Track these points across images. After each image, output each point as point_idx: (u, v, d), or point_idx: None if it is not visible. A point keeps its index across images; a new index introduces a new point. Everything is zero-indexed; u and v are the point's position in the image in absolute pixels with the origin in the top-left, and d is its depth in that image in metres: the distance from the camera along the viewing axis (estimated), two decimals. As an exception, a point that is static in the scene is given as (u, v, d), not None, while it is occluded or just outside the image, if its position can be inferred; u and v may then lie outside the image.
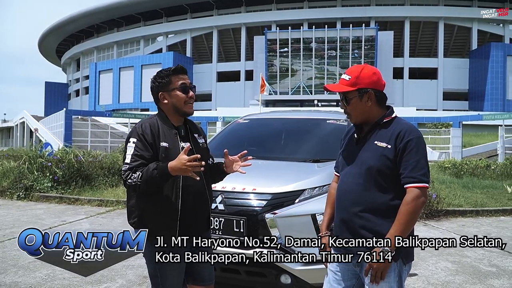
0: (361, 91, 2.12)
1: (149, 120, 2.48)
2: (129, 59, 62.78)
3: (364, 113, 2.15)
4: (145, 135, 2.36)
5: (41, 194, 9.30)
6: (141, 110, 54.83)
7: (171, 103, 2.47)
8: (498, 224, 7.46)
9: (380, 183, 2.06)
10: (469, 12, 54.62)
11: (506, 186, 10.43)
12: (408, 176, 1.99)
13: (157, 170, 2.23)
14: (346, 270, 2.21)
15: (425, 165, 2.01)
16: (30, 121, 37.22)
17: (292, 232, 3.23)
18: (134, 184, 2.27)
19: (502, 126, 22.99)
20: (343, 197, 2.19)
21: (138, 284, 4.22)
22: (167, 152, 2.38)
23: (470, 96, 55.28)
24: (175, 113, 2.50)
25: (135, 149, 2.33)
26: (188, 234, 2.38)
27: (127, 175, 2.30)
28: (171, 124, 2.49)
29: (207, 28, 61.00)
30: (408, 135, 2.03)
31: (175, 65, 2.55)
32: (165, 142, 2.39)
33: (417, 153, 2.00)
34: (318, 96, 51.37)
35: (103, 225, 6.94)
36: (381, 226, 2.04)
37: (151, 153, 2.35)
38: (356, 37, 52.04)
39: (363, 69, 2.15)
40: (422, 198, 1.99)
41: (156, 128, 2.41)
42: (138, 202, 2.43)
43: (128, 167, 2.31)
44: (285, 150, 4.53)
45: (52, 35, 73.98)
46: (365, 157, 2.11)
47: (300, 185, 3.37)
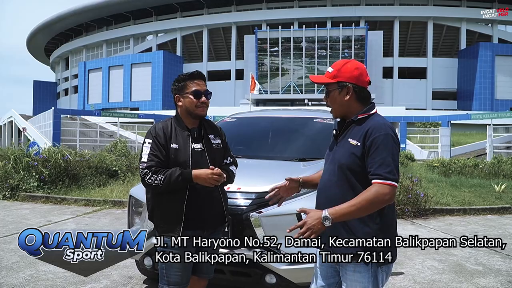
0: (340, 84, 2.12)
1: (163, 123, 2.68)
2: (118, 58, 62.46)
3: (342, 106, 2.14)
4: (158, 137, 2.56)
5: (27, 193, 9.18)
6: (130, 109, 54.61)
7: (184, 106, 2.64)
8: (486, 223, 7.50)
9: (350, 180, 2.05)
10: (458, 12, 55.09)
11: (493, 185, 10.51)
12: (374, 173, 1.95)
13: (181, 176, 2.46)
14: (329, 267, 2.21)
15: (391, 162, 1.95)
16: (18, 120, 36.83)
17: (277, 232, 3.20)
18: (154, 185, 2.48)
19: (490, 125, 23.20)
20: (319, 194, 2.21)
21: (123, 285, 4.17)
22: (177, 153, 2.56)
23: (459, 95, 55.73)
24: (188, 115, 2.66)
25: (150, 149, 2.54)
26: (194, 229, 2.57)
27: (145, 174, 2.49)
28: (185, 126, 2.66)
29: (197, 27, 60.87)
30: (376, 133, 1.99)
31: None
32: (175, 144, 2.58)
33: (384, 150, 1.95)
34: (308, 96, 51.52)
35: (89, 225, 6.86)
36: (351, 220, 2.01)
37: (165, 153, 2.54)
38: (346, 36, 52.22)
39: (347, 63, 2.15)
40: (387, 197, 1.91)
41: (168, 130, 2.61)
42: (152, 197, 2.64)
43: (146, 166, 2.50)
44: (271, 149, 4.51)
45: (40, 34, 73.34)
46: (339, 155, 2.11)
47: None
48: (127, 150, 13.85)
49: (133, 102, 58.06)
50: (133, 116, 31.02)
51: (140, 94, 57.72)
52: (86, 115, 34.05)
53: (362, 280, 2.02)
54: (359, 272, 2.03)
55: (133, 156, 13.12)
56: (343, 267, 2.08)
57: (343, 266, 2.07)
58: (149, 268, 3.64)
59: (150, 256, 3.53)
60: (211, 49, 62.27)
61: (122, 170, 11.14)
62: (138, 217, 3.74)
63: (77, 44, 72.28)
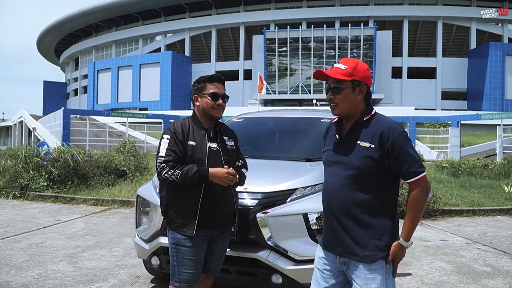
0: (355, 83, 2.11)
1: (182, 121, 2.76)
2: (127, 58, 62.76)
3: (351, 105, 2.13)
4: (176, 133, 2.64)
5: (36, 193, 9.26)
6: (139, 109, 54.87)
7: (201, 106, 2.73)
8: (495, 224, 7.44)
9: (364, 182, 2.05)
10: (467, 11, 54.67)
11: (503, 186, 10.42)
12: (407, 173, 2.01)
13: (198, 173, 2.52)
14: (333, 268, 2.20)
15: (416, 156, 2.03)
16: (29, 120, 37.19)
17: (283, 232, 3.21)
18: (170, 180, 2.52)
19: (500, 126, 23.03)
20: (330, 198, 2.17)
21: (130, 284, 4.19)
22: (194, 150, 2.64)
23: (468, 95, 55.32)
24: (204, 115, 2.75)
25: (168, 145, 2.60)
26: (207, 228, 2.64)
27: (162, 168, 2.54)
28: (202, 125, 2.75)
29: (205, 28, 61.01)
30: (393, 133, 2.01)
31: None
32: (192, 141, 2.66)
33: (407, 148, 2.01)
34: (316, 96, 51.41)
35: (97, 225, 6.90)
36: (367, 222, 2.05)
37: (182, 149, 2.61)
38: (354, 36, 52.05)
39: (359, 62, 2.15)
40: (428, 186, 2.05)
41: (186, 128, 2.69)
42: (167, 193, 2.68)
43: (163, 160, 2.56)
44: (278, 149, 4.50)
45: (50, 34, 73.96)
46: (349, 158, 2.09)
47: (292, 184, 3.33)
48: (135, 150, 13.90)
49: (142, 102, 58.31)
50: (142, 116, 31.18)
51: (149, 94, 57.96)
52: (96, 115, 34.29)
53: (377, 277, 2.03)
54: (374, 270, 2.03)
55: (141, 156, 13.17)
56: (354, 265, 2.07)
57: (354, 264, 2.07)
58: (156, 267, 3.65)
59: (157, 255, 3.54)
60: (219, 49, 62.37)
61: (131, 170, 11.19)
62: (145, 216, 3.76)
63: (86, 44, 72.78)
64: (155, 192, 3.71)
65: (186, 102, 57.85)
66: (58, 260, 4.88)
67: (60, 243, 5.68)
